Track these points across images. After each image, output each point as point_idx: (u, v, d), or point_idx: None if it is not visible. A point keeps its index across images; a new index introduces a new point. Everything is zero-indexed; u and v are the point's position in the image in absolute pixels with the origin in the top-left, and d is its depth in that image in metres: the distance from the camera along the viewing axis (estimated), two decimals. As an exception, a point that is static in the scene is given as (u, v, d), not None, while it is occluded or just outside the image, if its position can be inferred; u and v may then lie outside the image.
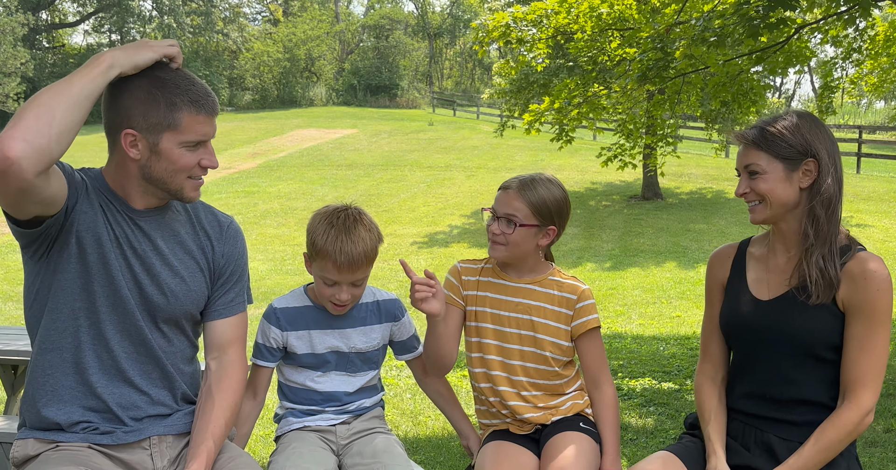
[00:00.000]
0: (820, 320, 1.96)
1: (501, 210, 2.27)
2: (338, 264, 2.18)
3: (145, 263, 1.94)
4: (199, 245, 2.04)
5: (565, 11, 8.20)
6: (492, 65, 20.83)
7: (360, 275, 2.24)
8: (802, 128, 1.98)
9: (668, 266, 11.22)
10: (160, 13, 41.60)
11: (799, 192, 1.99)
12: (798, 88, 62.75)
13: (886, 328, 1.93)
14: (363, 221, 2.26)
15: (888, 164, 21.67)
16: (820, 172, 1.96)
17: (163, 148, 1.84)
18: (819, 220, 1.96)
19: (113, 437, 1.94)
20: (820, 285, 1.94)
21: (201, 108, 1.86)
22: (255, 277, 11.45)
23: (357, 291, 2.28)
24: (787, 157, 1.97)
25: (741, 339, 2.10)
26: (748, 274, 2.11)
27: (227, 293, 2.09)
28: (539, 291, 2.34)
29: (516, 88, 14.82)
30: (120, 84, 1.83)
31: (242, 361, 2.10)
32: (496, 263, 2.40)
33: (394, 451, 2.27)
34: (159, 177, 1.88)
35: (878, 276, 1.91)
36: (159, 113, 1.82)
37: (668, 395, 5.07)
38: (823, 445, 1.90)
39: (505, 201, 2.27)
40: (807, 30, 7.21)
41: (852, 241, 2.01)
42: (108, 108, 1.87)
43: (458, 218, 16.10)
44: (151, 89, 1.82)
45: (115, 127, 1.86)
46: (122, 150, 1.86)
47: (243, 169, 22.78)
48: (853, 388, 1.92)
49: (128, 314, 1.93)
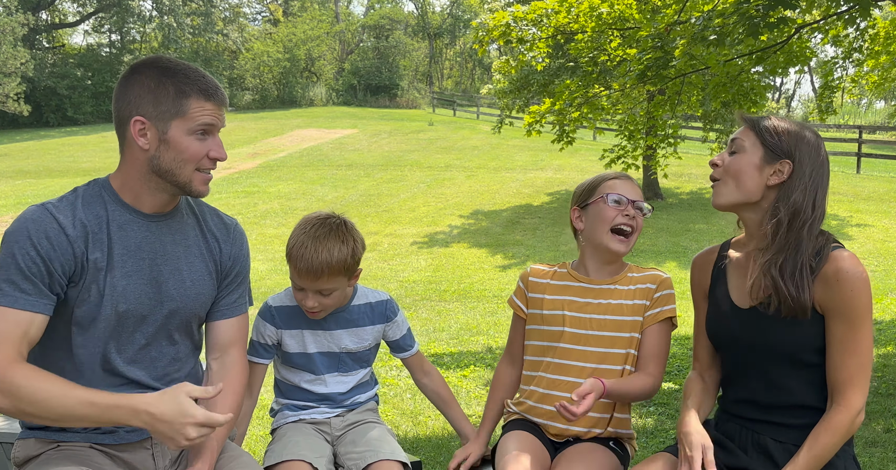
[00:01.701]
0: (801, 327, 1.91)
1: (635, 196, 2.29)
2: (298, 269, 2.21)
3: (156, 267, 1.94)
4: (209, 247, 2.05)
5: (565, 11, 8.20)
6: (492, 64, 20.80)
7: (325, 285, 2.23)
8: (800, 138, 1.96)
9: (668, 266, 11.22)
10: (160, 13, 41.58)
11: (764, 187, 1.96)
12: (798, 88, 62.73)
13: (868, 326, 1.89)
14: (339, 232, 2.24)
15: (888, 164, 21.67)
16: (792, 178, 1.93)
17: (171, 136, 1.85)
18: (781, 224, 1.91)
19: (115, 436, 1.94)
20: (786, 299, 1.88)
21: (210, 97, 1.87)
22: (255, 277, 11.46)
23: (326, 300, 2.27)
24: (770, 148, 1.95)
25: (727, 347, 2.09)
26: (729, 280, 2.08)
27: (231, 294, 2.10)
28: (620, 290, 2.27)
29: (516, 88, 14.81)
30: (130, 76, 1.87)
31: (244, 362, 2.11)
32: (570, 267, 2.36)
33: (386, 439, 2.31)
34: (168, 168, 1.87)
35: (851, 275, 1.85)
36: (168, 100, 1.84)
37: (668, 395, 5.07)
38: (818, 450, 1.88)
39: (632, 189, 2.31)
40: (807, 30, 7.20)
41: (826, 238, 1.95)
42: (118, 100, 1.88)
43: (458, 218, 16.09)
44: (161, 78, 1.85)
45: (124, 118, 1.87)
46: (132, 142, 1.87)
47: (243, 169, 22.79)
48: (841, 390, 1.89)
49: (138, 316, 1.93)
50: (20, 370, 1.73)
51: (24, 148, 28.57)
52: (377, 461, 2.20)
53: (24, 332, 1.77)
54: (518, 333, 2.41)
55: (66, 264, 1.81)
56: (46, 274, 1.79)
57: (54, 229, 1.80)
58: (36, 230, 1.79)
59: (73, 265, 1.83)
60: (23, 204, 16.20)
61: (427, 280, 11.28)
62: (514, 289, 2.44)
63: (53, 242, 1.80)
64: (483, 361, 6.28)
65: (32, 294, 1.79)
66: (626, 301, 2.25)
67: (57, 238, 1.80)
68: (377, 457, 2.21)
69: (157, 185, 1.91)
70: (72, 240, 1.82)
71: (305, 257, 2.19)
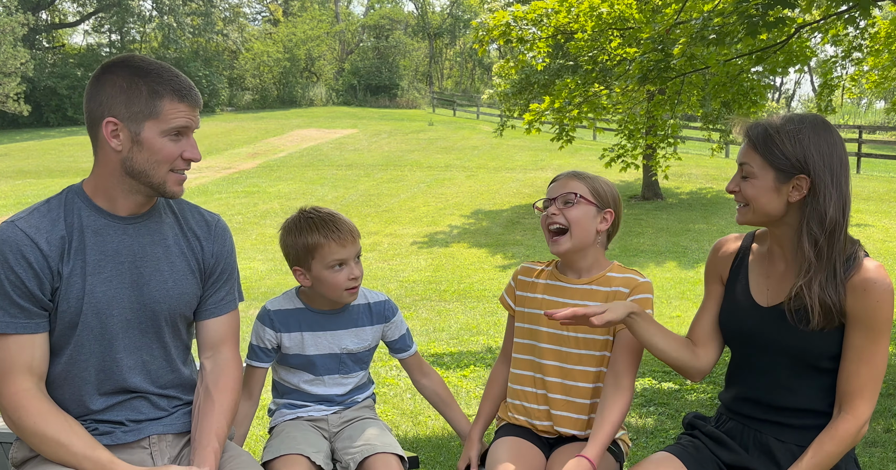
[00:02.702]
0: (820, 333, 1.89)
1: (558, 192, 2.21)
2: (341, 240, 2.28)
3: (136, 270, 1.93)
4: (189, 246, 2.03)
5: (565, 10, 8.20)
6: (492, 65, 20.84)
7: (358, 247, 2.35)
8: (806, 138, 1.86)
9: (668, 266, 11.21)
10: (160, 13, 41.58)
11: (786, 205, 1.90)
12: (798, 88, 62.72)
13: (886, 339, 1.87)
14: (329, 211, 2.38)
15: (888, 164, 21.67)
16: (814, 192, 1.85)
17: (144, 137, 1.83)
18: (818, 242, 1.86)
19: (112, 437, 1.94)
20: (820, 315, 1.86)
21: (184, 98, 1.85)
22: (255, 277, 11.44)
23: (360, 267, 2.37)
24: (780, 168, 1.88)
25: (739, 343, 2.07)
26: (750, 275, 2.06)
27: (218, 292, 2.08)
28: (597, 291, 2.22)
29: (517, 90, 14.79)
30: (101, 76, 1.84)
31: (237, 359, 2.11)
32: (555, 265, 2.33)
33: (383, 434, 2.33)
34: (141, 169, 1.85)
35: (879, 286, 1.83)
36: (141, 101, 1.82)
37: (668, 395, 5.07)
38: (821, 458, 1.87)
39: (560, 186, 2.22)
40: (807, 29, 7.20)
41: (855, 245, 1.92)
42: (90, 101, 1.86)
43: (458, 218, 16.09)
44: (133, 78, 1.82)
45: (96, 119, 1.85)
46: (105, 143, 1.85)
47: (243, 169, 22.78)
48: (851, 399, 1.88)
49: (123, 320, 1.93)
50: (31, 406, 1.80)
51: (24, 148, 28.57)
52: (374, 454, 2.22)
53: (30, 356, 1.81)
54: (511, 330, 2.42)
55: (46, 280, 1.82)
56: (31, 294, 1.80)
57: (28, 246, 1.80)
58: (12, 251, 1.79)
59: (51, 279, 1.82)
60: (23, 204, 16.19)
61: (427, 280, 11.27)
62: (506, 287, 2.43)
63: (31, 260, 1.80)
64: (483, 361, 6.27)
65: (25, 316, 1.80)
66: (601, 303, 2.21)
67: (34, 255, 1.80)
68: (374, 450, 2.23)
69: (130, 187, 1.89)
70: (46, 254, 1.81)
71: (338, 228, 2.29)
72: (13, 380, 1.79)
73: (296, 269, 2.34)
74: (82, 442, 1.81)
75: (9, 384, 1.79)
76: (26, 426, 1.79)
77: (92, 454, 1.80)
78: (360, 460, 2.23)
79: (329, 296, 2.34)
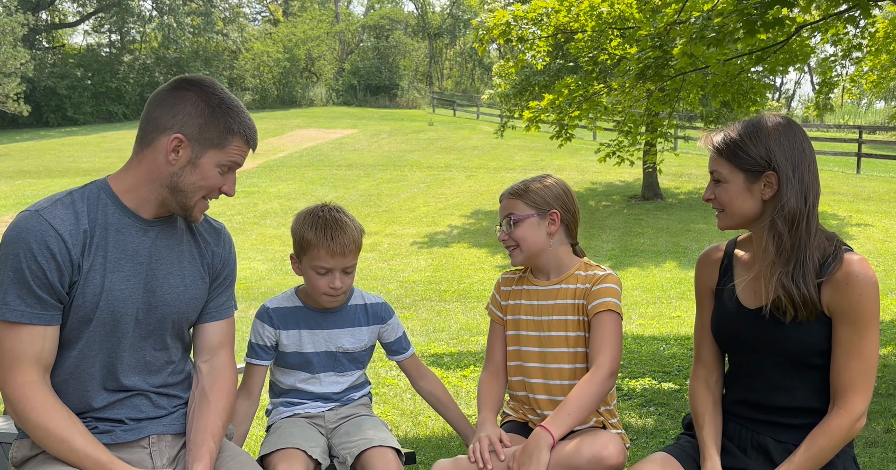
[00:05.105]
0: (808, 329, 1.91)
1: (502, 215, 2.38)
2: (331, 250, 2.29)
3: (151, 271, 1.95)
4: (200, 251, 2.07)
5: (566, 10, 8.20)
6: (492, 65, 20.81)
7: (350, 261, 2.34)
8: (767, 137, 1.92)
9: (668, 266, 11.22)
10: (160, 13, 41.59)
11: (762, 204, 1.94)
12: (798, 88, 62.73)
13: (874, 331, 1.88)
14: (345, 213, 2.40)
15: (888, 164, 21.67)
16: (780, 186, 1.90)
17: (202, 162, 1.90)
18: (781, 237, 1.89)
19: (112, 436, 1.94)
20: (790, 306, 1.88)
21: (249, 142, 1.97)
22: (254, 277, 11.45)
23: (348, 279, 2.38)
24: (748, 168, 1.92)
25: (732, 347, 2.08)
26: (736, 279, 2.07)
27: (220, 296, 2.12)
28: (566, 289, 2.32)
29: (517, 91, 14.80)
30: (183, 92, 1.90)
31: (233, 364, 2.14)
32: (529, 270, 2.42)
33: (379, 428, 2.36)
34: (184, 188, 1.91)
35: (861, 279, 1.85)
36: (216, 132, 1.90)
37: (668, 395, 5.07)
38: (814, 452, 1.88)
39: (503, 208, 2.38)
40: (807, 29, 7.20)
41: (836, 242, 1.93)
42: (161, 108, 1.90)
43: (458, 218, 16.09)
44: (217, 108, 1.90)
45: (161, 128, 1.88)
46: (160, 153, 1.89)
47: (243, 169, 22.72)
48: (843, 394, 1.88)
49: (134, 320, 1.94)
50: (36, 398, 1.80)
51: (24, 148, 28.58)
52: (371, 448, 2.25)
53: (40, 347, 1.82)
54: (498, 338, 2.46)
55: (66, 272, 1.82)
56: (50, 285, 1.80)
57: (53, 237, 1.80)
58: (36, 241, 1.79)
59: (71, 272, 1.83)
60: (23, 204, 16.19)
61: (427, 280, 11.28)
62: (490, 298, 2.51)
63: (55, 250, 1.80)
64: (483, 360, 6.28)
65: (41, 307, 1.80)
66: (569, 301, 2.30)
67: (58, 246, 1.80)
68: (371, 444, 2.26)
69: (162, 199, 1.93)
70: (70, 247, 1.82)
71: (335, 237, 2.30)
72: (21, 371, 1.80)
73: (292, 255, 2.43)
74: (84, 439, 1.82)
75: (16, 375, 1.80)
76: (29, 419, 1.80)
77: (92, 453, 1.81)
78: (357, 454, 2.25)
79: (310, 292, 2.41)
